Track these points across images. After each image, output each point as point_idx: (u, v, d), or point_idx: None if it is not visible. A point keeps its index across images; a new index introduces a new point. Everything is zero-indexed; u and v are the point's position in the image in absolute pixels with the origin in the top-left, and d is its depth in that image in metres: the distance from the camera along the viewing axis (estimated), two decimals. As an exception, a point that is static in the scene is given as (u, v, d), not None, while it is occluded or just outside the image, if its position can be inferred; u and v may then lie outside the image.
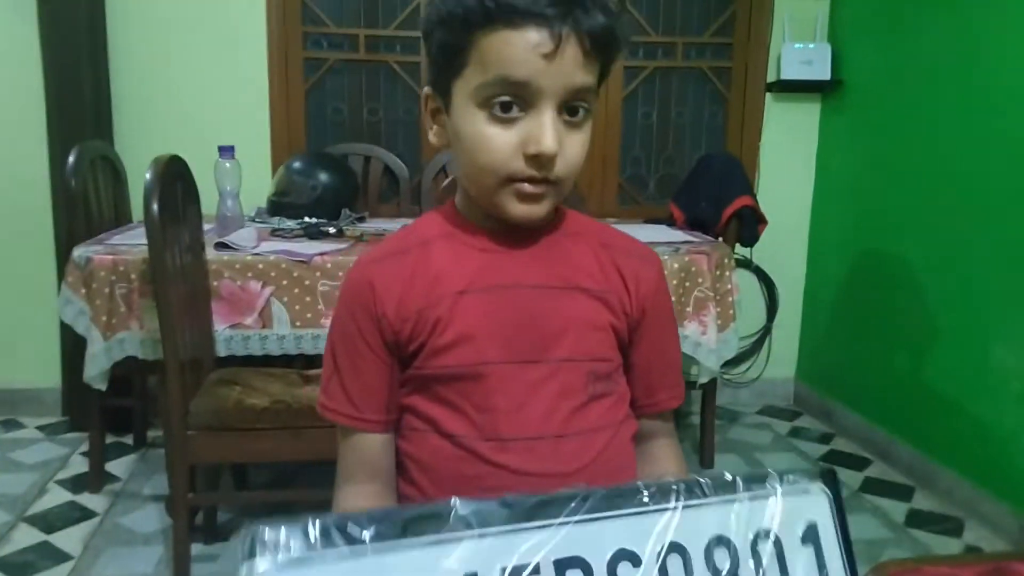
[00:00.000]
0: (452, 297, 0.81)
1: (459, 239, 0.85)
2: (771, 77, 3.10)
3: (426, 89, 0.84)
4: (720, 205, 2.55)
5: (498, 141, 0.76)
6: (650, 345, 0.89)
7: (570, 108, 0.77)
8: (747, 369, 3.28)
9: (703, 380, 2.30)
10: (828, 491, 0.64)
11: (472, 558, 0.55)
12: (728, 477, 0.62)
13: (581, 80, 0.76)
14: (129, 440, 2.72)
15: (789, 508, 0.62)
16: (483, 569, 0.55)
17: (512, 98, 0.75)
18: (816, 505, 0.64)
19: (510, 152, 0.76)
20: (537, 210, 0.79)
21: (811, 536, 0.63)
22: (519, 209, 0.79)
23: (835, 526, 0.64)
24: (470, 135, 0.77)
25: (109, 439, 2.56)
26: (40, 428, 2.84)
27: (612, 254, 0.87)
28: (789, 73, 3.01)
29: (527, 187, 0.77)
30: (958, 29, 2.40)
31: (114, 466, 2.53)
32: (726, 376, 3.24)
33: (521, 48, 0.73)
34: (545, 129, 0.75)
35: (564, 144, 0.77)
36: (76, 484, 2.41)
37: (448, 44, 0.77)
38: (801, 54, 3.00)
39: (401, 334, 0.83)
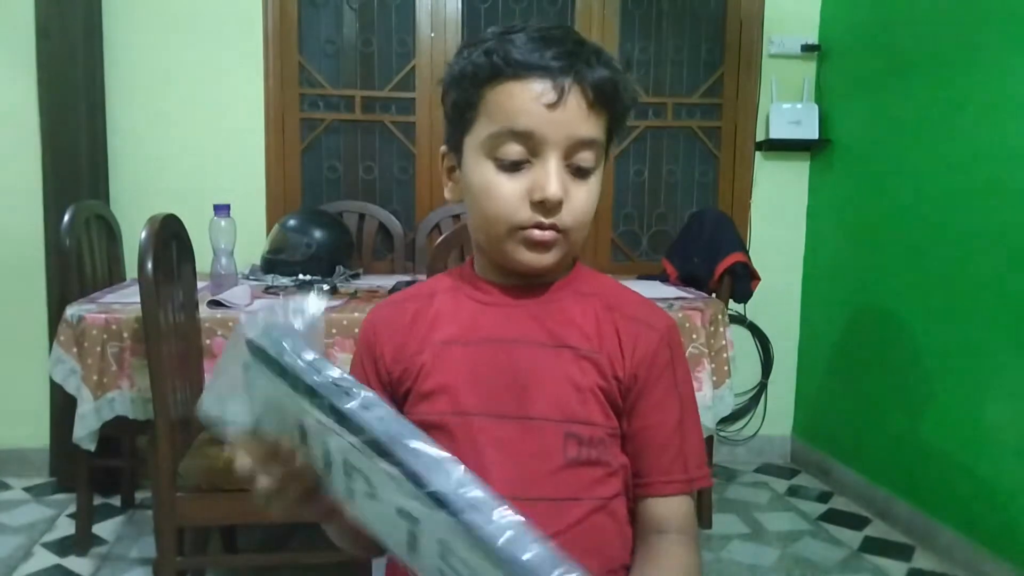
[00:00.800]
0: (438, 346, 0.83)
1: (463, 291, 0.88)
2: (760, 136, 3.15)
3: (443, 148, 0.88)
4: (713, 261, 2.57)
5: (505, 190, 0.78)
6: (644, 415, 0.84)
7: (578, 160, 0.79)
8: (743, 426, 3.25)
9: (699, 437, 2.28)
10: None
11: (348, 454, 0.54)
12: None
13: (585, 131, 0.78)
14: (117, 501, 2.67)
15: None
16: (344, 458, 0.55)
17: (518, 147, 0.77)
18: None
19: (517, 200, 0.78)
20: (545, 259, 0.81)
21: None
22: (527, 257, 0.80)
23: None
24: (479, 185, 0.80)
25: (97, 500, 2.51)
26: (26, 489, 2.79)
27: (615, 316, 0.85)
28: (777, 132, 3.07)
29: (535, 234, 0.79)
30: (941, 88, 2.46)
31: (101, 528, 2.48)
32: (722, 433, 3.21)
33: (525, 99, 0.76)
34: (550, 176, 0.77)
35: (571, 194, 0.79)
36: (62, 547, 2.36)
37: (460, 101, 0.81)
38: (789, 114, 3.06)
39: (393, 374, 0.85)
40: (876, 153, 2.80)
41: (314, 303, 0.63)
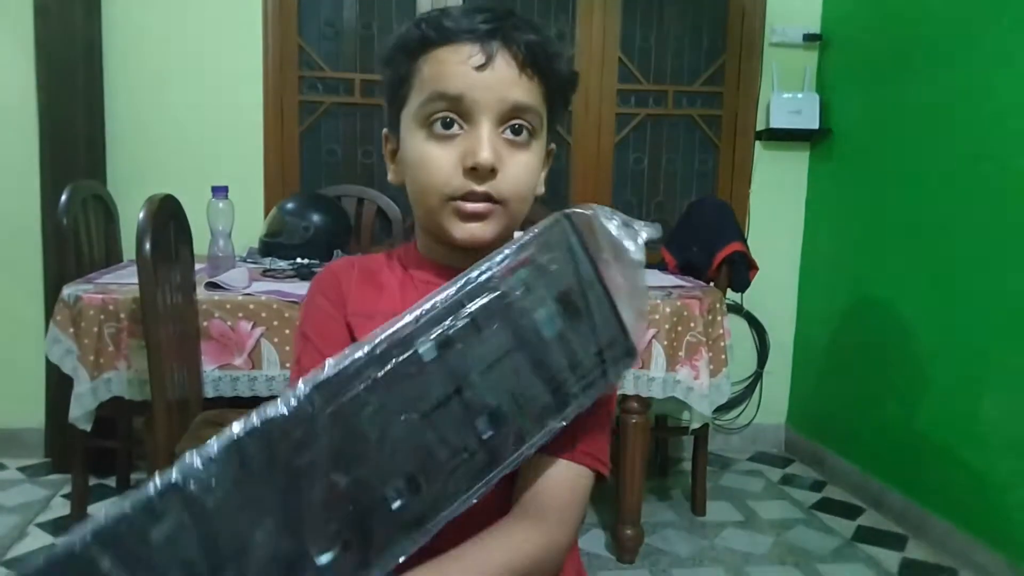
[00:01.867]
0: (384, 316, 0.80)
1: (409, 271, 0.87)
2: (760, 125, 3.14)
3: (384, 131, 0.87)
4: (711, 250, 2.57)
5: (438, 159, 0.77)
6: None
7: (513, 128, 0.78)
8: (738, 415, 3.26)
9: (695, 426, 2.29)
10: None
11: None
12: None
13: (517, 96, 0.77)
14: (112, 482, 2.67)
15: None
16: None
17: (450, 113, 0.77)
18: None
19: (450, 169, 0.77)
20: (480, 231, 0.79)
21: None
22: (462, 230, 0.79)
23: None
24: (412, 157, 0.79)
25: (92, 481, 2.51)
26: (21, 469, 2.79)
27: None
28: (778, 122, 3.06)
29: (467, 205, 0.77)
30: (944, 79, 2.45)
31: (96, 509, 2.48)
32: (717, 422, 3.22)
33: (454, 62, 0.76)
34: (482, 141, 0.76)
35: (506, 162, 0.78)
36: (57, 527, 2.36)
37: (394, 78, 0.81)
38: (790, 103, 3.05)
39: (349, 327, 0.84)
40: (877, 143, 2.80)
41: (649, 231, 0.69)
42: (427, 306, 0.62)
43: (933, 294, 2.48)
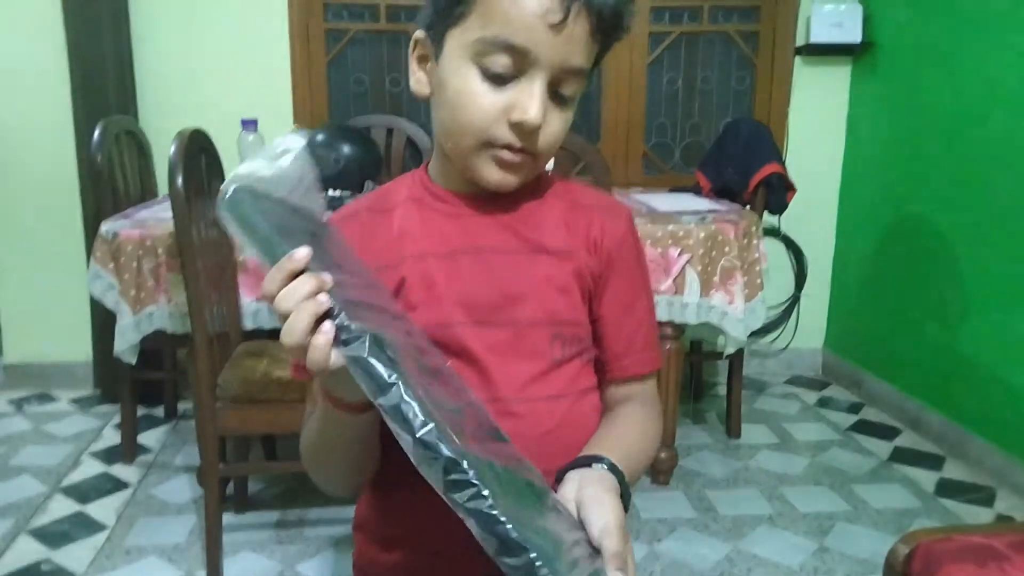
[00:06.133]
0: (413, 260, 0.81)
1: (426, 203, 0.84)
2: (800, 40, 3.03)
3: (419, 33, 0.79)
4: (748, 172, 2.51)
5: (484, 101, 0.74)
6: (614, 299, 0.84)
7: (562, 87, 0.76)
8: (775, 339, 3.24)
9: (730, 350, 2.28)
10: None
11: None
12: None
13: (578, 60, 0.74)
14: (160, 412, 2.76)
15: None
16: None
17: (507, 61, 0.72)
18: None
19: (495, 115, 0.74)
20: (511, 180, 0.78)
21: None
22: (495, 176, 0.77)
23: None
24: (456, 90, 0.75)
25: (140, 411, 2.60)
26: (73, 401, 2.89)
27: (579, 211, 0.85)
28: (819, 36, 2.94)
29: (505, 154, 0.76)
30: (995, -13, 2.33)
31: (146, 438, 2.57)
32: (753, 346, 3.21)
33: (529, 12, 0.70)
34: (534, 99, 0.73)
35: (548, 119, 0.75)
36: (109, 456, 2.45)
37: None
38: (831, 16, 2.93)
39: None
40: (921, 57, 2.68)
41: (293, 140, 0.67)
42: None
43: (976, 214, 2.41)
